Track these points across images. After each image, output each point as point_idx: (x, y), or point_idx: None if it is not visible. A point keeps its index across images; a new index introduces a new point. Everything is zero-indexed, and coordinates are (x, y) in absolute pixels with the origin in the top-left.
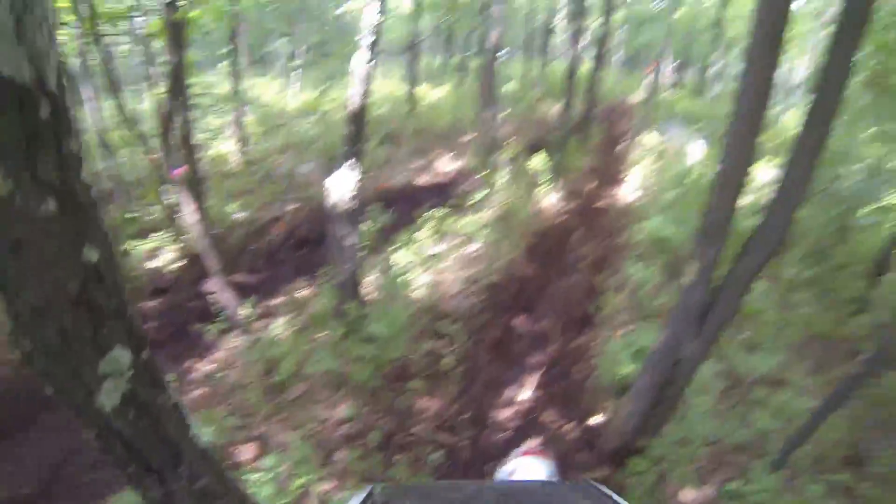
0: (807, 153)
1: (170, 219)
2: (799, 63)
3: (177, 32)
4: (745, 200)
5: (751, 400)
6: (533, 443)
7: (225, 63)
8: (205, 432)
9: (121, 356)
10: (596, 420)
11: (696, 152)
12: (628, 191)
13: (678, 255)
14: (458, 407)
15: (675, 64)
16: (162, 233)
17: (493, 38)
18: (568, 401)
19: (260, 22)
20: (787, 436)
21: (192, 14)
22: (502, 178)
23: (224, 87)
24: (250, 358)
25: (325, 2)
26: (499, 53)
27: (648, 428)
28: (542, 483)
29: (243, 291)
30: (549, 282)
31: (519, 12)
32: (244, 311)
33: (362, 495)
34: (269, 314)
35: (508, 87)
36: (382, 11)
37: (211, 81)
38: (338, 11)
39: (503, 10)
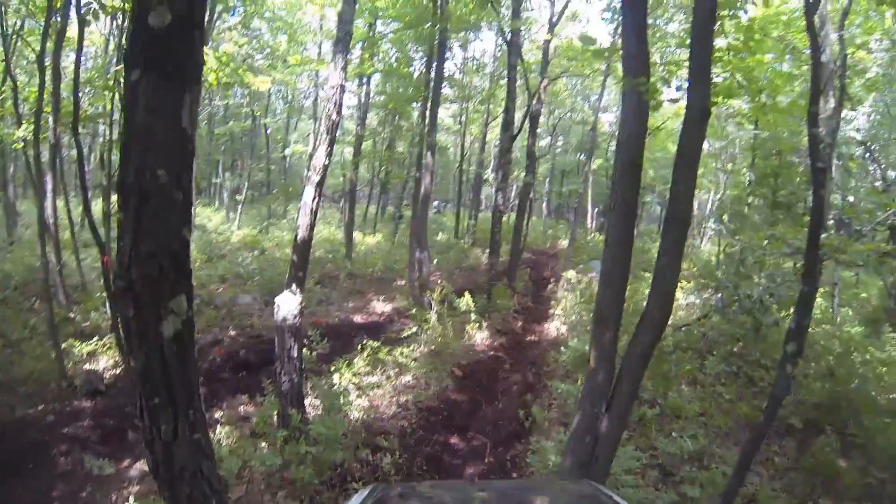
0: (670, 250)
1: (113, 325)
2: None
3: None
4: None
5: (679, 477)
6: None
7: None
8: None
9: (182, 301)
10: None
11: None
12: (554, 325)
13: None
14: None
15: (597, 209)
16: (104, 338)
17: (423, 187)
18: None
19: (209, 153)
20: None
21: None
22: (433, 317)
23: None
24: None
25: (273, 142)
26: (432, 203)
27: None
28: (542, 483)
29: None
30: (479, 407)
31: (452, 166)
32: None
33: (362, 495)
34: (210, 424)
35: (440, 236)
36: (330, 155)
37: None
38: (285, 153)
39: (435, 162)
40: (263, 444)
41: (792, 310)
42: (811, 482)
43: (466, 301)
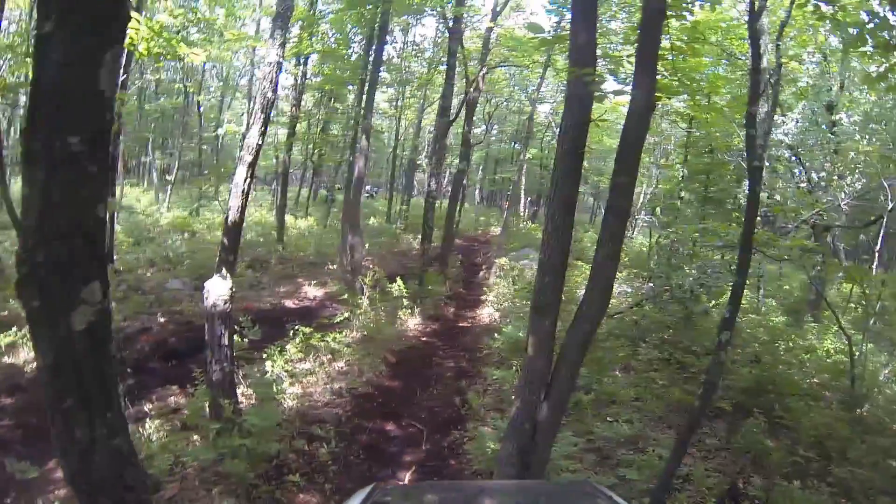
0: (609, 241)
1: None
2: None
3: None
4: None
5: (617, 461)
6: None
7: None
8: None
9: (96, 289)
10: None
11: None
12: (486, 312)
13: None
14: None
15: (530, 199)
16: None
17: (357, 171)
18: None
19: (138, 130)
20: (651, 486)
21: None
22: (365, 302)
23: None
24: None
25: (206, 121)
26: (365, 188)
27: None
28: (542, 483)
29: None
30: (414, 393)
31: (385, 150)
32: None
33: (363, 495)
34: (139, 418)
35: (372, 221)
36: (263, 134)
37: None
38: (218, 132)
39: (370, 146)
40: (196, 437)
41: (721, 299)
42: (741, 461)
43: (399, 286)
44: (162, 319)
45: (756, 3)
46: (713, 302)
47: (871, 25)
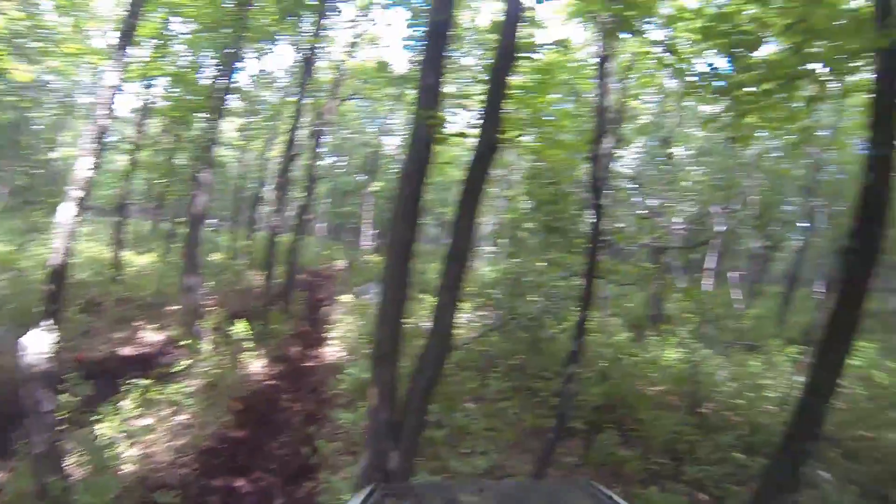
0: (450, 286)
1: None
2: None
3: None
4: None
5: None
6: None
7: None
8: None
9: None
10: None
11: None
12: (331, 350)
13: None
14: None
15: (375, 231)
16: None
17: (198, 205)
18: None
19: None
20: None
21: None
22: (207, 346)
23: None
24: None
25: (40, 142)
26: (206, 221)
27: None
28: (542, 483)
29: None
30: (263, 442)
31: (229, 182)
32: None
33: (363, 495)
34: None
35: (214, 257)
36: (96, 166)
37: None
38: (51, 154)
39: (212, 177)
40: None
41: (567, 323)
42: (600, 475)
43: (242, 327)
44: None
45: (605, 48)
46: (559, 326)
47: (707, 74)
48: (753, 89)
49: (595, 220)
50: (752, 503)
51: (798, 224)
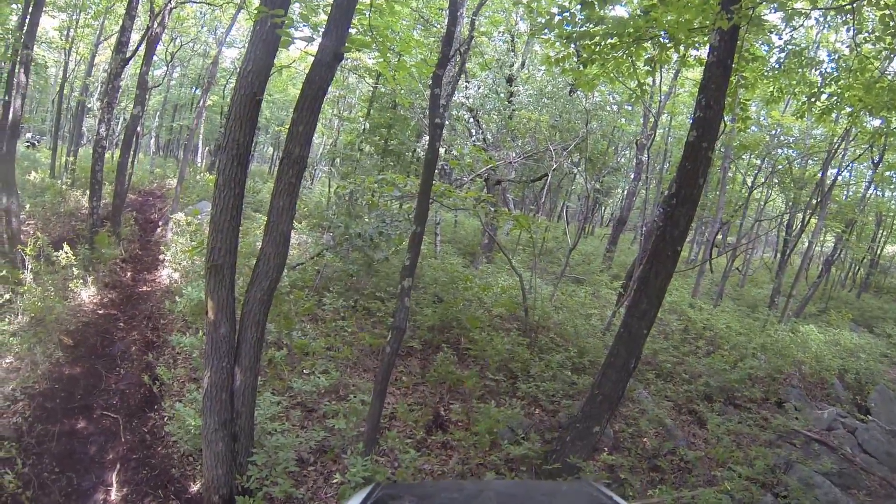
0: (285, 191)
1: None
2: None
3: None
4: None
5: (322, 413)
6: None
7: None
8: None
9: None
10: (193, 486)
11: None
12: (166, 272)
13: None
14: None
15: (208, 148)
16: None
17: (13, 114)
18: (159, 483)
19: None
20: (360, 431)
21: None
22: (29, 277)
23: None
24: None
25: None
26: (25, 136)
27: (237, 465)
28: (542, 483)
29: None
30: (100, 377)
31: (52, 90)
32: None
33: (363, 494)
34: None
35: (34, 176)
36: None
37: None
38: None
39: (29, 81)
40: None
41: (401, 246)
42: (439, 392)
43: (67, 254)
44: None
45: None
46: (393, 249)
47: (559, 18)
48: (598, 41)
49: (431, 143)
50: (582, 414)
51: (627, 173)
